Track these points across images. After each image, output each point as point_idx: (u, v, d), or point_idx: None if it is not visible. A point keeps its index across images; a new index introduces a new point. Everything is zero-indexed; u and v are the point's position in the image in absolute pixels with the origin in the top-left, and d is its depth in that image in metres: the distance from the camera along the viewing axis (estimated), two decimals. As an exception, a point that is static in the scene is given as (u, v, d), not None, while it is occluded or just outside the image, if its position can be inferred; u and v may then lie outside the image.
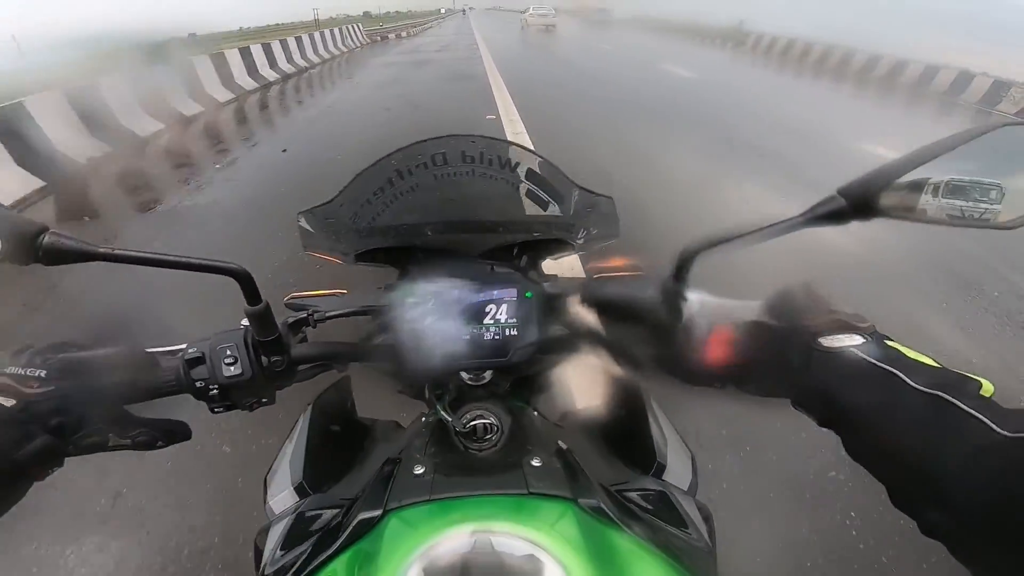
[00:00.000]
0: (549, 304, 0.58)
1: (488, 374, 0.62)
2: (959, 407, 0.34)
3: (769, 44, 18.99)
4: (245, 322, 0.53)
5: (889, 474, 0.38)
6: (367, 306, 0.61)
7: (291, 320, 0.56)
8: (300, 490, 0.61)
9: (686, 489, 0.62)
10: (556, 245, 0.66)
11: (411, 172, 0.59)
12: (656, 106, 8.65)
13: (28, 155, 4.90)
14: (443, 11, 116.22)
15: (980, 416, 0.33)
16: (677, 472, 0.63)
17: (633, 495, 0.55)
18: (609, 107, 8.36)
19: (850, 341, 0.42)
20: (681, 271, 0.47)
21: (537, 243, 0.65)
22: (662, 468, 0.62)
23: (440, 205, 0.62)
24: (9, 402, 0.42)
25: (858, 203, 0.39)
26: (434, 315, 0.55)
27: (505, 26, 36.25)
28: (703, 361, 0.49)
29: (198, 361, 0.50)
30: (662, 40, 24.45)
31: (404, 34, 29.13)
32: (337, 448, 0.68)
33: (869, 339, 0.42)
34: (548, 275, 0.67)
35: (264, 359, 0.52)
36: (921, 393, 0.36)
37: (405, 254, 0.64)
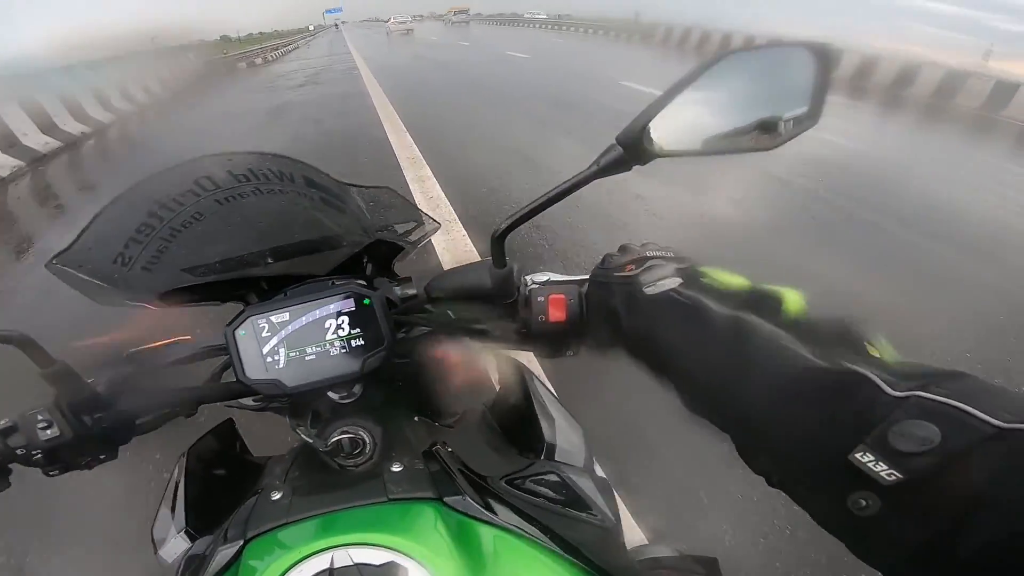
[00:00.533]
0: (396, 306, 0.58)
1: (357, 388, 0.60)
2: (758, 328, 0.34)
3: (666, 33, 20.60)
4: None
5: (718, 419, 0.37)
6: (203, 349, 0.59)
7: (118, 377, 0.53)
8: (189, 535, 0.58)
9: (581, 466, 0.62)
10: (388, 247, 0.65)
11: (179, 201, 0.56)
12: (491, 81, 12.21)
13: None
14: (312, 28, 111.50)
15: (780, 338, 0.33)
16: (568, 450, 0.63)
17: (526, 482, 0.55)
18: (456, 84, 11.84)
19: (669, 283, 0.43)
20: (497, 253, 0.49)
21: (378, 248, 0.63)
22: (552, 448, 0.63)
23: (245, 231, 0.58)
24: None
25: (633, 149, 0.41)
26: (272, 343, 0.53)
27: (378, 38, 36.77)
28: (546, 329, 0.51)
29: (11, 430, 0.48)
30: (515, 32, 27.61)
31: (260, 60, 23.54)
32: (226, 489, 0.65)
33: (684, 275, 0.43)
34: (403, 277, 0.66)
35: (86, 418, 0.49)
36: (724, 319, 0.36)
37: (238, 285, 0.60)
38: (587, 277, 0.51)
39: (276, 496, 0.47)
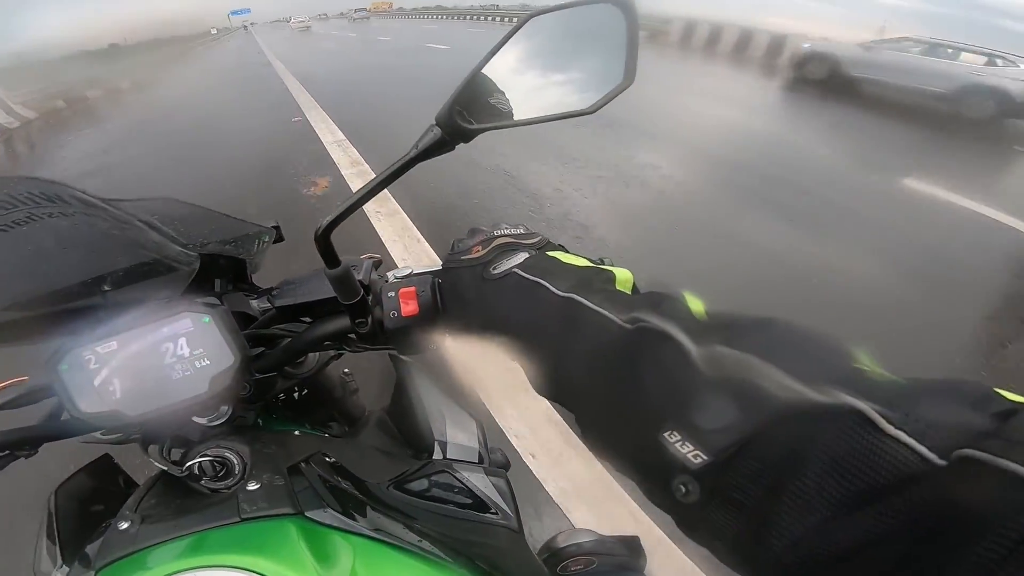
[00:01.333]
0: (241, 320, 0.54)
1: (224, 409, 0.56)
2: (586, 305, 0.34)
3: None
4: None
5: (554, 395, 0.37)
6: (37, 387, 0.54)
7: None
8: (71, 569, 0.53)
9: (476, 460, 0.61)
10: (229, 261, 0.59)
11: None
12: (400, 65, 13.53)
13: None
14: (214, 31, 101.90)
15: (602, 311, 0.33)
16: (462, 446, 0.62)
17: (415, 484, 0.53)
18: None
19: (513, 262, 0.42)
20: (326, 253, 0.46)
21: (217, 263, 0.58)
22: (444, 446, 0.61)
23: (57, 255, 0.50)
24: None
25: (451, 128, 0.40)
26: (104, 374, 0.49)
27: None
28: (402, 327, 0.49)
29: None
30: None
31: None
32: (103, 521, 0.60)
33: (530, 254, 0.43)
34: (263, 288, 0.61)
35: None
36: (558, 298, 0.36)
37: (65, 317, 0.53)
38: (434, 267, 0.50)
39: (124, 525, 0.44)
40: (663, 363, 0.27)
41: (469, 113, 0.39)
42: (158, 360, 0.49)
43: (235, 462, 0.49)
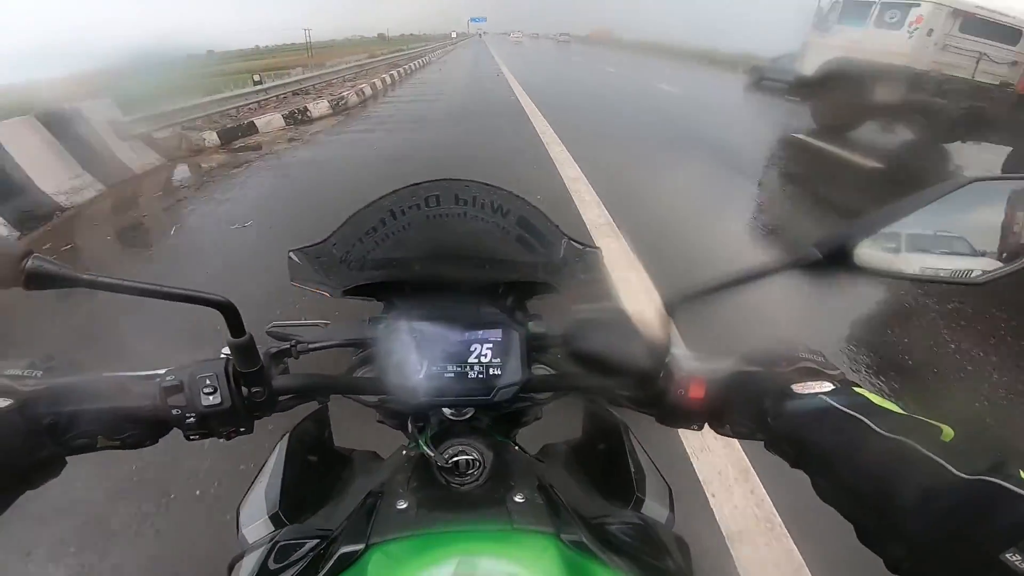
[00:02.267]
0: (532, 344, 0.59)
1: (470, 410, 0.62)
2: (920, 451, 0.36)
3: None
4: (224, 352, 0.52)
5: (855, 513, 0.40)
6: (352, 339, 0.61)
7: (274, 350, 0.56)
8: (275, 520, 0.60)
9: (663, 522, 0.62)
10: (542, 286, 0.66)
11: (404, 213, 0.60)
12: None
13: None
14: (454, 34, 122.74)
15: (938, 459, 0.35)
16: (654, 506, 0.63)
17: (613, 529, 0.55)
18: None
19: (820, 388, 0.44)
20: (663, 323, 0.48)
21: (524, 283, 0.65)
22: (640, 502, 0.63)
23: (429, 244, 0.62)
24: (5, 402, 0.43)
25: (833, 257, 0.40)
26: (419, 351, 0.55)
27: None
28: (682, 404, 0.52)
29: (176, 389, 0.49)
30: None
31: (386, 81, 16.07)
32: (314, 478, 0.68)
33: (838, 386, 0.44)
34: (532, 314, 0.67)
35: (244, 390, 0.51)
36: (885, 438, 0.38)
37: (392, 289, 0.64)
38: (733, 363, 0.51)
39: (402, 505, 0.47)
40: (1015, 513, 0.31)
41: (857, 251, 0.40)
42: (464, 356, 0.56)
43: (479, 463, 0.53)
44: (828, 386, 0.44)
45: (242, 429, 0.53)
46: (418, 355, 0.55)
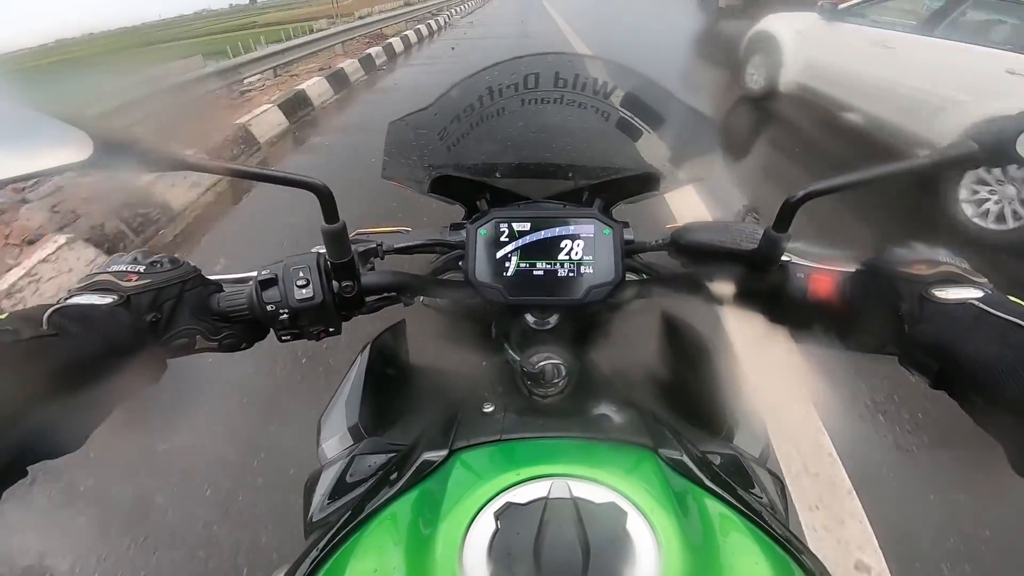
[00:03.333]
0: (628, 245, 0.56)
1: (554, 318, 0.59)
2: None
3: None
4: (316, 249, 0.52)
5: (1016, 435, 0.35)
6: (437, 240, 0.59)
7: (361, 249, 0.55)
8: (354, 432, 0.60)
9: (757, 456, 0.59)
10: (636, 185, 0.61)
11: (501, 93, 0.56)
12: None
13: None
14: None
15: None
16: (748, 438, 0.60)
17: (706, 456, 0.51)
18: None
19: (968, 294, 0.38)
20: (784, 220, 0.44)
21: (613, 185, 0.61)
22: (732, 432, 0.60)
23: (520, 139, 0.59)
24: (108, 298, 0.43)
25: (992, 148, 0.37)
26: (507, 249, 0.53)
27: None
28: (801, 310, 0.47)
29: (270, 283, 0.49)
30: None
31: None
32: (392, 392, 0.68)
33: (989, 292, 0.38)
34: (620, 221, 0.64)
35: (335, 284, 0.51)
36: None
37: (476, 190, 0.61)
38: (858, 265, 0.46)
39: (488, 409, 0.46)
40: None
41: (1016, 141, 0.36)
42: (554, 253, 0.53)
43: (563, 372, 0.51)
44: (977, 292, 0.38)
45: (331, 329, 0.53)
46: (506, 253, 0.53)
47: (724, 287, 0.51)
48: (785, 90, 4.30)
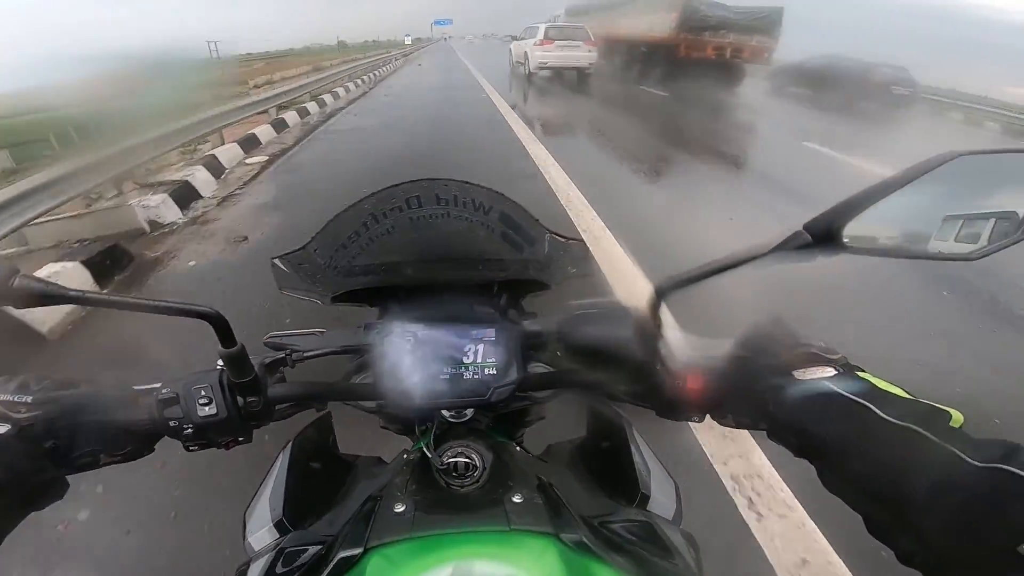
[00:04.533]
0: (528, 342, 0.59)
1: (469, 411, 0.62)
2: (929, 438, 0.35)
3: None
4: (219, 364, 0.52)
5: (863, 504, 0.39)
6: (347, 345, 0.61)
7: (268, 360, 0.56)
8: (280, 527, 0.60)
9: (670, 519, 0.62)
10: (534, 284, 0.66)
11: (386, 215, 0.60)
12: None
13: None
14: (408, 39, 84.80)
15: (950, 447, 0.34)
16: (661, 502, 0.63)
17: (618, 527, 0.55)
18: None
19: (822, 373, 0.43)
20: (654, 309, 0.48)
21: (515, 282, 0.65)
22: (646, 498, 0.63)
23: (417, 246, 0.62)
24: (3, 428, 0.42)
25: (823, 238, 0.40)
26: (414, 354, 0.55)
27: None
28: (680, 395, 0.51)
29: (172, 401, 0.50)
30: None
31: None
32: (318, 484, 0.68)
33: (841, 371, 0.43)
34: (528, 312, 0.67)
35: (240, 399, 0.52)
36: (892, 424, 0.37)
37: (384, 294, 0.64)
38: (731, 351, 0.50)
39: (399, 508, 0.47)
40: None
41: (846, 231, 0.39)
42: (458, 357, 0.55)
43: (479, 465, 0.53)
44: (830, 371, 0.43)
45: (240, 439, 0.54)
46: (412, 358, 0.55)
47: (615, 380, 0.54)
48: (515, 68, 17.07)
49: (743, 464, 1.83)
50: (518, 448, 0.65)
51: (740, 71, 15.91)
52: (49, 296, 0.41)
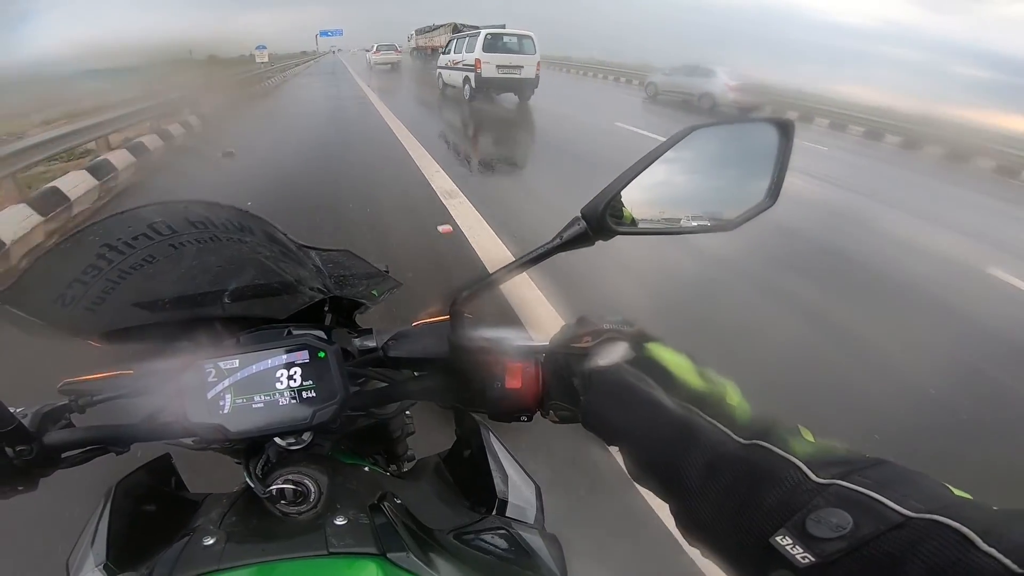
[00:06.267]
0: (358, 360, 0.58)
1: (307, 436, 0.58)
2: (705, 420, 0.37)
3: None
4: None
5: (662, 494, 0.39)
6: (137, 387, 0.57)
7: (46, 409, 0.53)
8: (108, 569, 0.55)
9: (531, 522, 0.61)
10: (349, 302, 0.65)
11: (130, 244, 0.56)
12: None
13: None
14: (261, 58, 24.44)
15: (720, 426, 0.36)
16: (519, 507, 0.63)
17: (472, 537, 0.54)
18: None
19: (618, 355, 0.44)
20: (455, 317, 0.49)
21: (339, 301, 0.63)
22: (504, 504, 0.62)
23: (193, 273, 0.58)
24: None
25: (596, 224, 0.41)
26: (218, 389, 0.52)
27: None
28: (504, 397, 0.51)
29: None
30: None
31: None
32: (153, 526, 0.62)
33: (635, 352, 0.45)
34: (362, 328, 0.65)
35: (8, 450, 0.49)
36: (673, 410, 0.39)
37: (190, 327, 0.59)
38: (546, 345, 0.52)
39: (208, 541, 0.45)
40: (783, 483, 0.31)
41: (615, 212, 0.41)
42: (271, 384, 0.52)
43: (312, 490, 0.50)
44: (625, 351, 0.45)
45: (20, 488, 0.51)
46: (219, 391, 0.51)
47: (440, 389, 0.55)
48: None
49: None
50: (367, 468, 0.63)
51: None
52: None
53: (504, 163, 7.32)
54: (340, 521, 0.46)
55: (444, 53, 15.24)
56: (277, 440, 0.56)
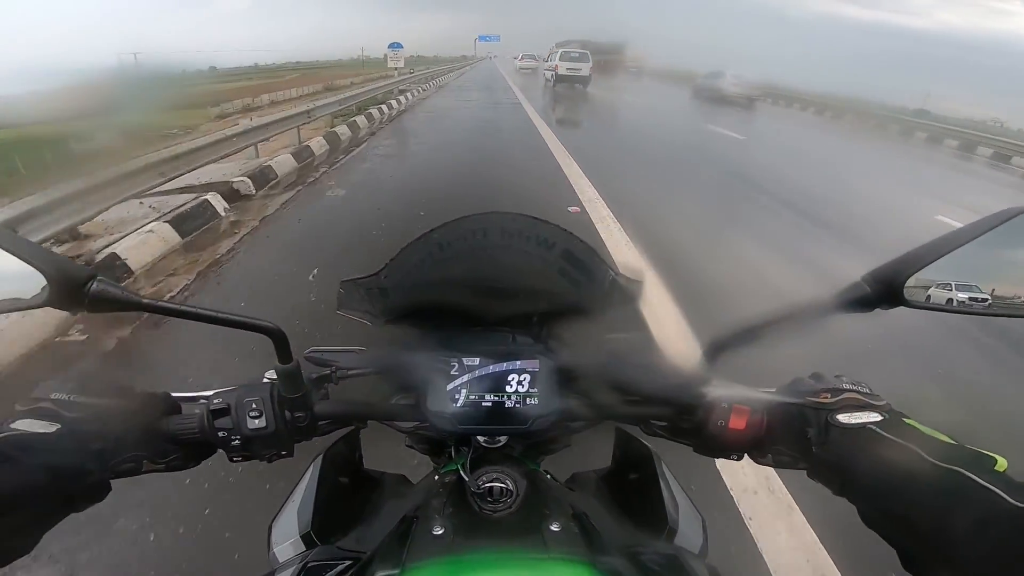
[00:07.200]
0: (567, 374, 0.59)
1: (503, 438, 0.62)
2: (974, 480, 0.36)
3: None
4: (268, 376, 0.54)
5: (903, 540, 0.40)
6: (390, 366, 0.62)
7: (314, 376, 0.57)
8: (307, 540, 0.60)
9: (697, 552, 0.62)
10: (575, 315, 0.66)
11: (451, 245, 0.61)
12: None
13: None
14: (393, 55, 17.39)
15: (993, 488, 0.35)
16: (688, 536, 0.63)
17: (645, 559, 0.54)
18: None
19: (867, 418, 0.44)
20: (704, 370, 0.50)
21: (557, 313, 0.66)
22: (673, 532, 0.62)
23: (471, 275, 0.63)
24: (53, 427, 0.43)
25: (882, 291, 0.41)
26: (457, 382, 0.56)
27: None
28: (721, 434, 0.52)
29: (223, 412, 0.51)
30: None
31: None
32: (345, 500, 0.68)
33: (886, 416, 0.45)
34: (567, 344, 0.67)
35: (288, 414, 0.53)
36: (938, 467, 0.38)
37: (431, 319, 0.64)
38: (774, 394, 0.52)
39: (438, 531, 0.48)
40: None
41: (908, 284, 0.40)
42: (501, 387, 0.56)
43: (513, 491, 0.53)
44: (876, 416, 0.44)
45: (283, 452, 0.55)
46: (458, 385, 0.56)
47: (653, 417, 0.57)
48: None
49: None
50: (547, 476, 0.65)
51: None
52: (121, 303, 0.42)
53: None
54: (555, 526, 0.48)
55: (547, 61, 27.51)
56: (479, 438, 0.61)
